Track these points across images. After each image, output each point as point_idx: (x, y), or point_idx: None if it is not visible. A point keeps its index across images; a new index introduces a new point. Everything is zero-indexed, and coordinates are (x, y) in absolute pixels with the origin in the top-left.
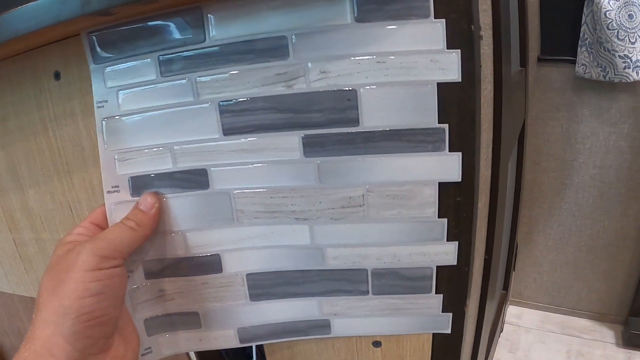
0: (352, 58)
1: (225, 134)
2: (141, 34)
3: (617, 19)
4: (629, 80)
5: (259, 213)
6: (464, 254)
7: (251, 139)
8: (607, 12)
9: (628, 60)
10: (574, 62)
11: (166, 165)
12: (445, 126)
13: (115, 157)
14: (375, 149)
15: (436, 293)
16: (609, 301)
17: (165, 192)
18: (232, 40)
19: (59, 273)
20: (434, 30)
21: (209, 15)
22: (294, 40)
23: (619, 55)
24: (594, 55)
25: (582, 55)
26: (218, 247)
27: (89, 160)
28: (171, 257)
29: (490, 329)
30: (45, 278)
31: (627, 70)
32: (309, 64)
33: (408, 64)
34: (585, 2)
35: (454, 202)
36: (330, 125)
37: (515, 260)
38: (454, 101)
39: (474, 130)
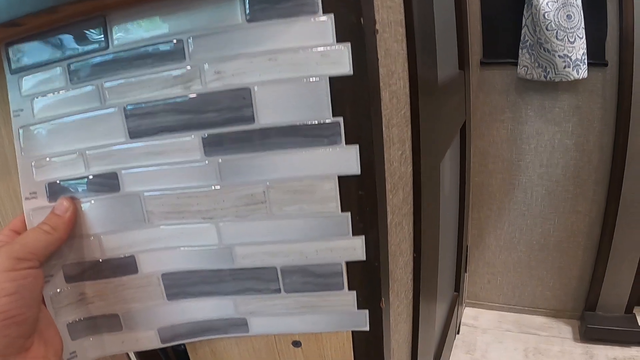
0: (245, 57)
1: (131, 137)
2: (51, 43)
3: (556, 19)
4: (569, 79)
5: (168, 214)
6: (372, 248)
7: (155, 141)
8: (546, 14)
9: (568, 59)
10: (516, 64)
11: (79, 170)
12: (340, 119)
13: (32, 164)
14: (272, 145)
15: (349, 289)
16: (564, 297)
17: (80, 196)
18: (133, 46)
19: None
20: (323, 25)
21: (111, 22)
22: (190, 43)
23: (559, 55)
24: (534, 56)
25: (524, 57)
26: (132, 249)
27: (12, 168)
28: (89, 260)
29: (441, 330)
30: None
31: (567, 69)
32: (205, 65)
33: (299, 60)
34: (525, 5)
35: (356, 195)
36: (227, 124)
37: (466, 262)
38: (347, 94)
39: (370, 123)
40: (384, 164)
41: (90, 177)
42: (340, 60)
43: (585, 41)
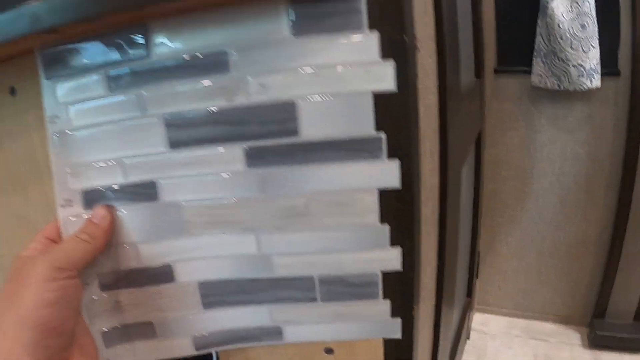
0: (291, 71)
1: (171, 147)
2: (90, 50)
3: (570, 29)
4: (583, 89)
5: (207, 224)
6: (409, 259)
7: (196, 151)
8: (561, 23)
9: (582, 69)
10: (529, 73)
11: (117, 179)
12: (383, 134)
13: (68, 171)
14: (315, 158)
15: (384, 299)
16: (573, 304)
17: (117, 205)
18: (176, 56)
19: (15, 285)
20: (368, 41)
21: (153, 31)
22: (234, 55)
23: (573, 65)
24: (548, 65)
25: (538, 66)
26: (169, 258)
27: (45, 174)
28: (125, 269)
29: (454, 335)
30: (3, 291)
31: (581, 78)
32: (249, 78)
33: (344, 75)
34: (540, 14)
35: (395, 208)
36: (271, 136)
37: (478, 268)
38: (390, 110)
39: (411, 138)
40: (421, 177)
41: (128, 185)
42: (384, 76)
43: (599, 51)
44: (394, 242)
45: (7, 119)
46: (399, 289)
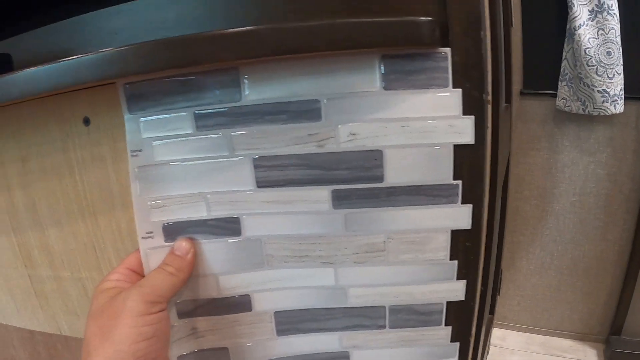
0: (380, 122)
1: (258, 186)
2: (178, 88)
3: (597, 55)
4: (607, 114)
5: (288, 257)
6: (471, 290)
7: (283, 192)
8: (587, 50)
9: (606, 94)
10: (554, 96)
11: (200, 213)
12: (459, 182)
13: (149, 204)
14: (396, 201)
15: (445, 325)
16: (590, 321)
17: (199, 237)
18: (267, 101)
19: (108, 319)
20: (452, 98)
21: (244, 76)
22: (325, 104)
23: (598, 90)
24: (573, 89)
25: (563, 90)
26: (248, 288)
27: (117, 204)
28: (204, 298)
29: (480, 352)
30: (92, 325)
31: (605, 104)
32: (339, 126)
33: (428, 128)
34: (566, 39)
35: (464, 246)
36: (357, 181)
37: (500, 285)
38: (467, 160)
39: (483, 184)
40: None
41: (211, 220)
42: (465, 130)
43: (622, 77)
44: (459, 275)
45: (79, 148)
46: (460, 317)
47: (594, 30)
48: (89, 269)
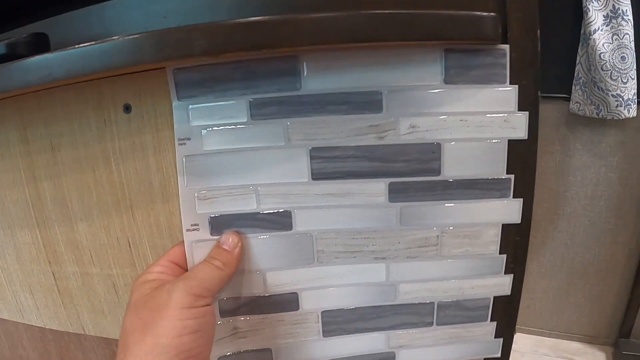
0: (440, 115)
1: (313, 179)
2: (231, 74)
3: (611, 60)
4: (620, 118)
5: (340, 253)
6: (517, 284)
7: (339, 184)
8: (602, 54)
9: (620, 99)
10: (568, 100)
11: (250, 206)
12: (512, 176)
13: (196, 195)
14: (451, 195)
15: (491, 321)
16: (599, 324)
17: (247, 232)
18: (327, 91)
19: (150, 312)
20: (509, 94)
21: (304, 64)
22: (386, 95)
23: (612, 95)
24: (587, 93)
25: (577, 94)
26: (296, 286)
27: (157, 197)
28: (247, 296)
29: None
30: (132, 317)
31: (619, 108)
32: (400, 119)
33: (486, 123)
34: (580, 44)
35: (513, 240)
36: (414, 174)
37: None
38: (520, 155)
39: (534, 179)
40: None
41: (261, 214)
42: (519, 126)
43: (636, 81)
44: (507, 270)
45: (117, 137)
46: (505, 312)
47: (609, 35)
48: (121, 265)
